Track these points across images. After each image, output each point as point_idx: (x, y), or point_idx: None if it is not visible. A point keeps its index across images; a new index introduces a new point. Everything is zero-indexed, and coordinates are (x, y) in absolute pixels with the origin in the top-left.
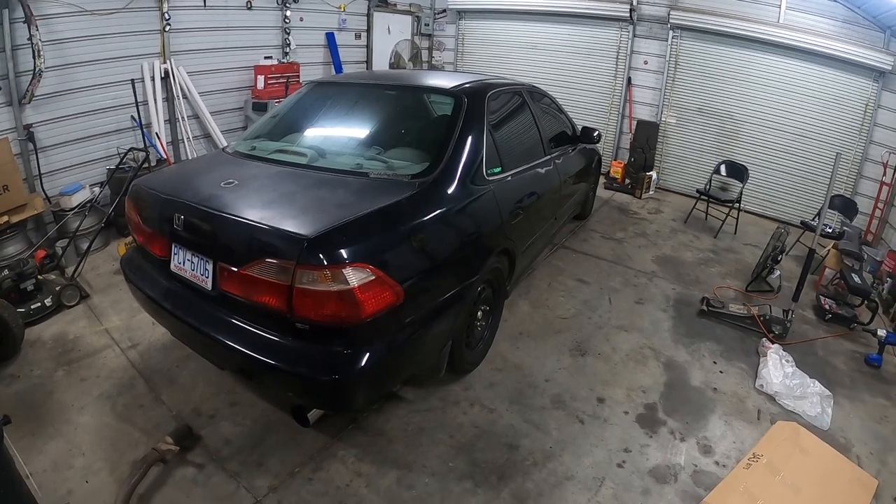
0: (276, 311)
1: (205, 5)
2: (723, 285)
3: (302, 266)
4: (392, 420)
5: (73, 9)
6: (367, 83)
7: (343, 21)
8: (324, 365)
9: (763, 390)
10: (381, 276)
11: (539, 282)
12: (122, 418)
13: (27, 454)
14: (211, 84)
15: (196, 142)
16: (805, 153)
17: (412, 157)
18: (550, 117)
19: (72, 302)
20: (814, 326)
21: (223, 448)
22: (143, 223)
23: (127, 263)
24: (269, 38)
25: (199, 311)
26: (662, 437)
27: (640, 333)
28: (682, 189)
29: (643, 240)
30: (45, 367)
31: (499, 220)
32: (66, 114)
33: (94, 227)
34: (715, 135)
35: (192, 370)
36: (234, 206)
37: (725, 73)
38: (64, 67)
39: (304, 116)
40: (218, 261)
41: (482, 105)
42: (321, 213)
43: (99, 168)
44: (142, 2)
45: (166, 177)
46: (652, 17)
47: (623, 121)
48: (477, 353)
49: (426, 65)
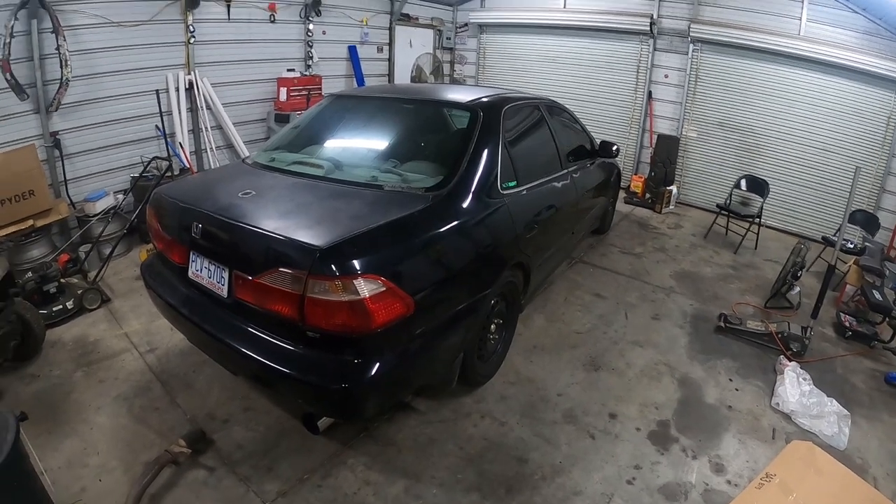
0: (289, 319)
1: (229, 18)
2: (741, 301)
3: (314, 276)
4: (403, 430)
5: (99, 20)
6: (384, 97)
7: (365, 34)
8: (334, 373)
9: (779, 409)
10: (392, 287)
11: (556, 296)
12: (138, 420)
13: (43, 451)
14: (234, 95)
15: (219, 152)
16: (827, 167)
17: (427, 170)
18: (568, 131)
19: (93, 305)
20: (833, 344)
21: (235, 452)
22: (162, 230)
23: (147, 269)
24: (292, 51)
25: (215, 317)
26: (674, 454)
27: (656, 349)
28: (703, 204)
29: (662, 255)
30: (64, 367)
31: (513, 233)
32: (91, 122)
33: (116, 233)
34: (736, 149)
35: (208, 375)
36: (249, 215)
37: (746, 87)
38: (90, 77)
39: (323, 129)
40: (233, 269)
41: (498, 119)
42: (334, 225)
43: (123, 176)
44: (167, 14)
45: (186, 186)
46: (672, 31)
47: (643, 135)
48: (490, 365)
49: (448, 78)
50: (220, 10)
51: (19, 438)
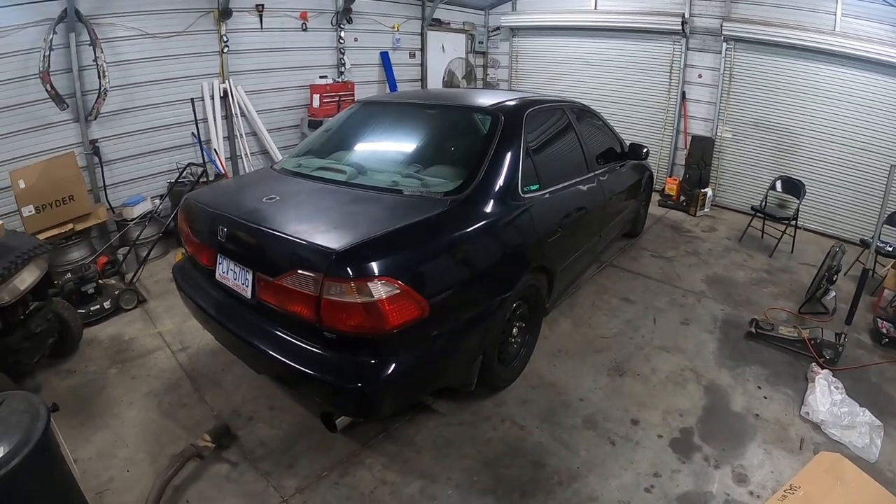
0: (307, 320)
1: (261, 28)
2: (775, 307)
3: (330, 278)
4: (422, 431)
5: (135, 32)
6: (409, 102)
7: (397, 40)
8: (349, 373)
9: (808, 418)
10: (407, 289)
11: (583, 300)
12: (167, 415)
13: (76, 442)
14: (268, 103)
15: (254, 157)
16: (866, 167)
17: (448, 174)
18: (595, 134)
19: (129, 305)
20: (869, 351)
21: (258, 448)
22: (192, 234)
23: (178, 271)
24: (325, 58)
25: (239, 317)
26: (696, 463)
27: (683, 355)
28: (739, 206)
29: (694, 258)
30: (100, 364)
31: (535, 237)
32: (129, 130)
33: (153, 236)
34: (772, 149)
35: (236, 374)
36: (271, 219)
37: (781, 85)
38: (127, 87)
39: (349, 134)
40: (256, 271)
41: (520, 123)
42: (351, 229)
43: (160, 181)
44: (201, 25)
45: (215, 191)
46: (705, 30)
47: (678, 136)
48: (512, 369)
49: (480, 82)
50: (252, 20)
51: (49, 428)
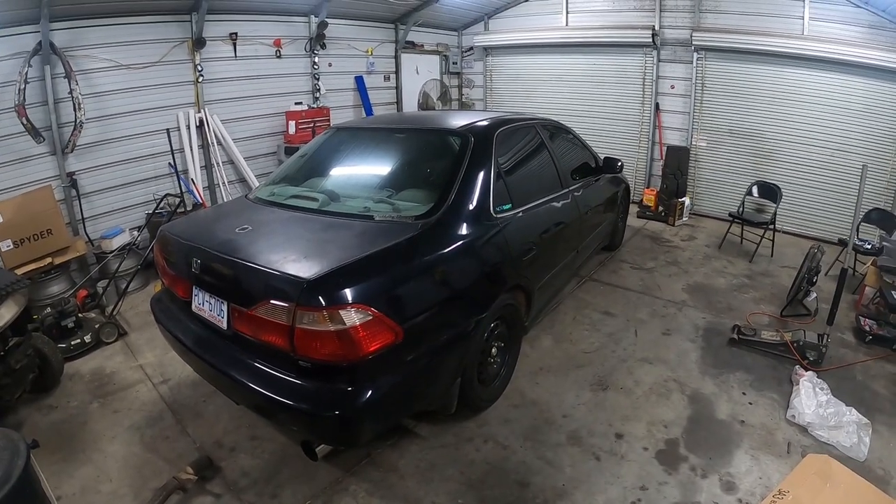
0: (281, 349)
1: (236, 56)
2: (757, 311)
3: (302, 307)
4: (405, 456)
5: (110, 63)
6: (381, 127)
7: (371, 64)
8: (326, 401)
9: (795, 421)
10: (379, 315)
11: (563, 315)
12: (149, 448)
13: (59, 478)
14: (244, 130)
15: (231, 186)
16: (840, 167)
17: (419, 197)
18: (569, 150)
19: (110, 339)
20: (853, 350)
21: (241, 479)
22: (168, 266)
23: (156, 304)
24: (300, 84)
25: (216, 349)
26: (682, 473)
27: (666, 366)
28: (717, 213)
29: (674, 268)
30: (81, 398)
31: (509, 256)
32: (106, 162)
33: (132, 268)
34: (747, 155)
35: (217, 405)
36: (243, 250)
37: (753, 91)
38: (103, 118)
39: (323, 161)
40: (231, 302)
41: (489, 143)
42: (322, 257)
43: (138, 212)
44: (175, 55)
45: (189, 223)
46: (675, 41)
47: (653, 147)
48: (493, 390)
49: (456, 103)
50: (227, 49)
51: (30, 465)
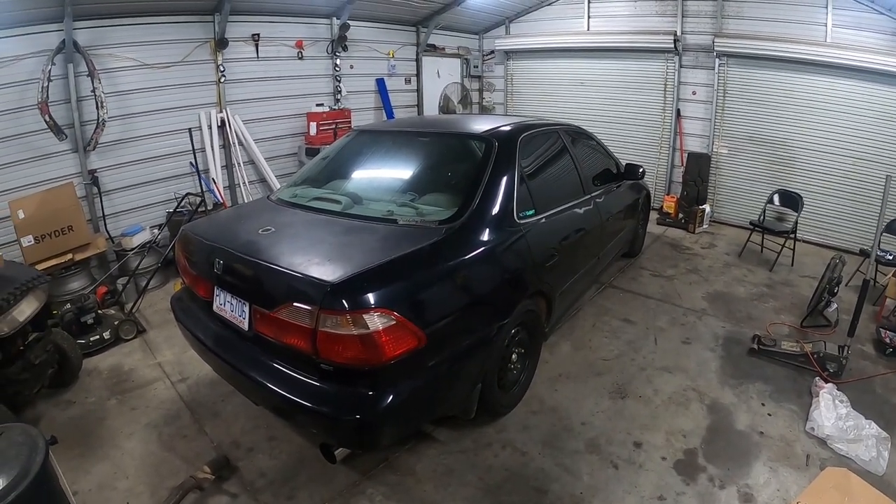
0: (304, 352)
1: (258, 57)
2: (777, 321)
3: (325, 311)
4: (423, 460)
5: (133, 63)
6: (404, 130)
7: (392, 67)
8: (347, 405)
9: (814, 434)
10: (403, 320)
11: (583, 322)
12: (166, 447)
13: (76, 474)
14: (265, 131)
15: (252, 186)
16: (863, 176)
17: (443, 202)
18: (591, 156)
19: (129, 336)
20: (873, 362)
21: (258, 480)
22: (189, 266)
23: (176, 302)
24: (321, 86)
25: (237, 349)
26: (701, 484)
27: (685, 375)
28: (737, 221)
29: (694, 276)
30: (99, 395)
31: (531, 262)
32: (128, 160)
33: (152, 266)
34: (768, 163)
35: (235, 405)
36: (267, 252)
37: (775, 98)
38: (126, 117)
39: (345, 163)
40: (252, 303)
41: (513, 148)
42: (346, 260)
43: (159, 211)
44: (198, 55)
45: (212, 223)
46: (697, 47)
47: (674, 153)
48: (512, 395)
49: (476, 107)
50: (249, 49)
51: (48, 460)
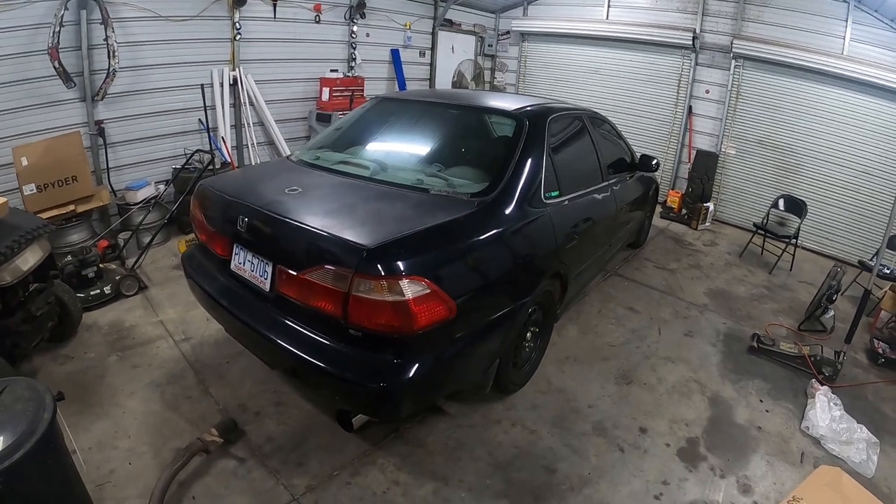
0: (331, 316)
1: (275, 17)
2: (775, 322)
3: (360, 275)
4: (434, 433)
5: (148, 13)
6: (431, 101)
7: (408, 38)
8: (372, 372)
9: (808, 433)
10: (436, 290)
11: (589, 307)
12: (170, 407)
13: (74, 431)
14: (277, 93)
15: (260, 148)
16: (867, 190)
17: (472, 176)
18: (609, 144)
19: (130, 292)
20: (865, 370)
21: (265, 445)
22: (206, 222)
23: (188, 260)
24: (336, 52)
25: (255, 310)
26: (702, 472)
27: (688, 366)
28: (739, 222)
29: (696, 272)
30: (99, 351)
31: (554, 243)
32: (136, 113)
33: (156, 222)
34: (774, 167)
35: (241, 367)
36: (297, 212)
37: (787, 105)
38: (137, 69)
39: (368, 130)
40: (277, 264)
41: (543, 128)
42: (381, 225)
43: (165, 167)
44: (214, 11)
45: (232, 179)
46: (715, 46)
47: (682, 150)
48: (523, 373)
49: (488, 85)
50: (266, 9)
51: (55, 418)
